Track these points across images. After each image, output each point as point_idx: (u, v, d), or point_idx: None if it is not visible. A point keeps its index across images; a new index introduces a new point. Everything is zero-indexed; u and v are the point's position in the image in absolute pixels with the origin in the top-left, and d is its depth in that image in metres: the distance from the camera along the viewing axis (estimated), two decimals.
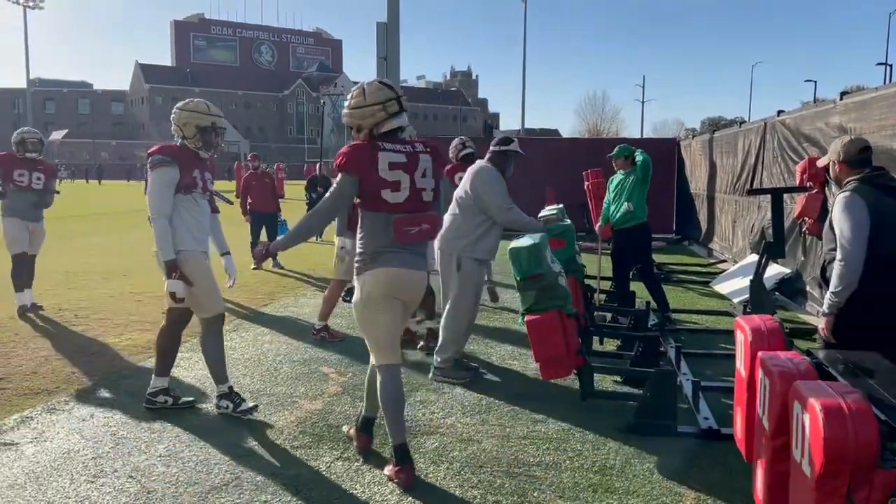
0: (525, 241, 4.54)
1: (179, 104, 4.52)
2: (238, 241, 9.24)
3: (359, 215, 3.63)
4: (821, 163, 4.07)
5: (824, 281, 3.69)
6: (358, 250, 3.62)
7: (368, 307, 3.59)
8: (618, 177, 7.27)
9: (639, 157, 7.01)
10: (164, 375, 4.58)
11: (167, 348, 4.57)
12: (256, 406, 4.55)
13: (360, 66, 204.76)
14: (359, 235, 3.63)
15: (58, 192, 8.10)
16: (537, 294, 4.45)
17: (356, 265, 3.63)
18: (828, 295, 3.56)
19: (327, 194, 3.62)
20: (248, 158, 12.69)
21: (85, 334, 6.56)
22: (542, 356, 4.45)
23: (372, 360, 3.72)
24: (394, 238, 3.51)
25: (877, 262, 3.44)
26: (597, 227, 7.53)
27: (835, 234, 3.55)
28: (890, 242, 3.45)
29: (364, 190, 3.51)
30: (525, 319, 4.46)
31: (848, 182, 3.64)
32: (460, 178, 5.74)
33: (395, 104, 3.56)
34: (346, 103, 3.62)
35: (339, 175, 3.53)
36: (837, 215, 3.53)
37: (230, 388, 4.56)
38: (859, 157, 3.69)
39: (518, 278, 4.48)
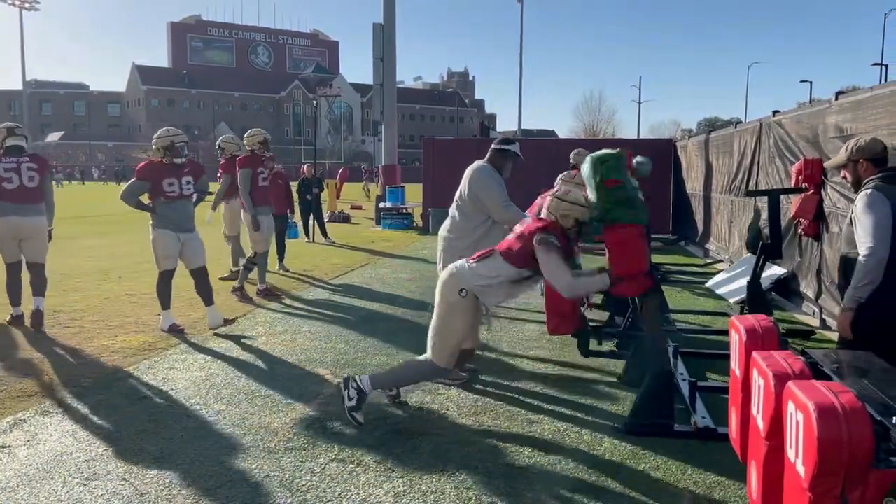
0: (609, 151, 4.33)
1: None
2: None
3: None
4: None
5: (845, 279, 3.68)
6: None
7: None
8: None
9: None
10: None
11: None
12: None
13: (356, 68, 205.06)
14: None
15: (211, 193, 7.38)
16: (616, 203, 4.17)
17: None
18: (849, 290, 3.55)
19: None
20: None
21: (79, 336, 6.53)
22: (622, 271, 4.13)
23: None
24: None
25: (893, 258, 3.44)
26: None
27: (857, 232, 3.55)
28: None
29: None
30: (604, 230, 4.19)
31: (869, 181, 3.63)
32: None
33: None
34: None
35: None
36: (861, 212, 3.52)
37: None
38: (882, 155, 3.69)
39: (596, 179, 4.17)
